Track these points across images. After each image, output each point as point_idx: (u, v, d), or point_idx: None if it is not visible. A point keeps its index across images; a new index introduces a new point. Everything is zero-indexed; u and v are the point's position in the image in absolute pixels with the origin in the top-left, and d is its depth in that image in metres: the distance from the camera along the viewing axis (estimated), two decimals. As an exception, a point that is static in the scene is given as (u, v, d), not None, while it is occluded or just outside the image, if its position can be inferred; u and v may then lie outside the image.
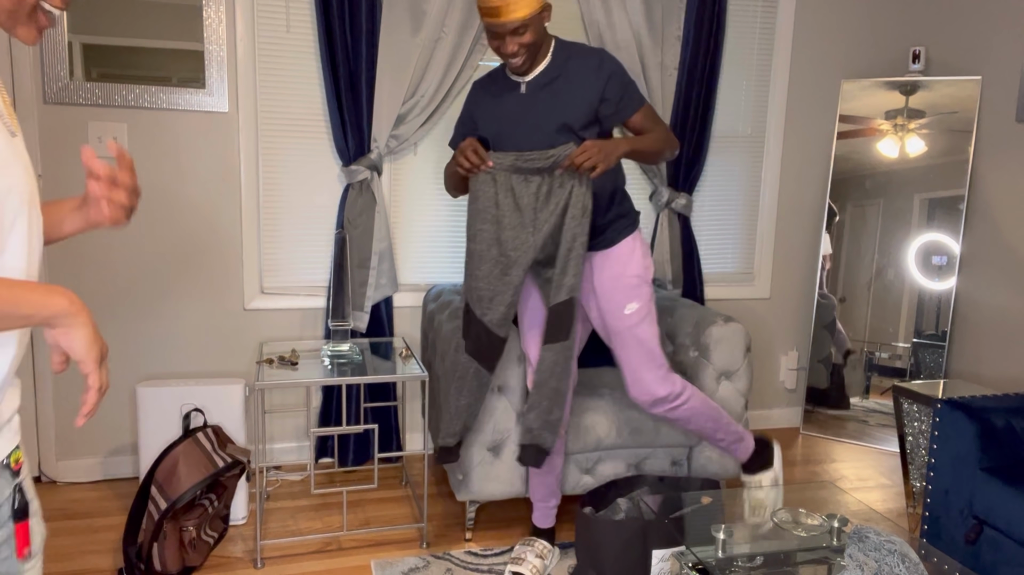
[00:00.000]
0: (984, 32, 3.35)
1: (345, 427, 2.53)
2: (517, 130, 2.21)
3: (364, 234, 3.06)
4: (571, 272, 2.17)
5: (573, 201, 2.16)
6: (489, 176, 2.18)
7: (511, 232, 2.18)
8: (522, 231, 2.17)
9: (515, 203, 2.18)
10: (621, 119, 2.27)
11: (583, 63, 2.19)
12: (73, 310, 1.02)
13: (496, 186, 2.18)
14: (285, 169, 3.10)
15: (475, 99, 2.32)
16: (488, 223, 2.18)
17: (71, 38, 2.78)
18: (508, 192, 2.18)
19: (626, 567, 2.18)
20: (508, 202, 2.18)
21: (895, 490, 3.18)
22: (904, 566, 1.70)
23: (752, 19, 3.54)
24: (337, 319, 2.71)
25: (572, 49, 2.22)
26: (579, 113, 2.18)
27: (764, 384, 3.84)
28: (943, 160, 3.45)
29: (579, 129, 2.18)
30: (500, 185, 2.17)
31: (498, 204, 2.18)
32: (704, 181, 3.59)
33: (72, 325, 1.03)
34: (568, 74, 2.19)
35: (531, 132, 2.19)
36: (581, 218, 2.16)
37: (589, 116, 2.19)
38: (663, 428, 2.62)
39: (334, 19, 2.91)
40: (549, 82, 2.19)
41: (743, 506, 2.21)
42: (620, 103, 2.21)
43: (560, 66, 2.19)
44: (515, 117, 2.21)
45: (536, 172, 2.16)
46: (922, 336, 3.53)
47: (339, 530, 2.70)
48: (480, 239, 2.19)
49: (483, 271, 2.19)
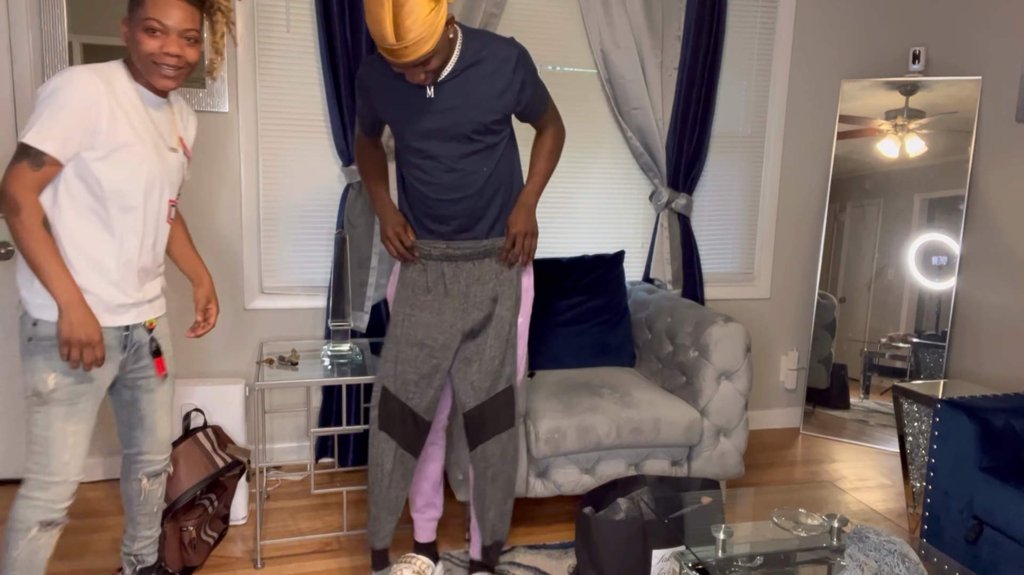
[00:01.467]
0: (984, 32, 3.35)
1: (345, 427, 2.53)
2: (431, 138, 2.03)
3: (364, 234, 3.06)
4: (508, 362, 2.16)
5: (504, 289, 2.15)
6: (421, 264, 2.14)
7: (439, 317, 2.12)
8: (451, 315, 2.12)
9: (445, 288, 2.13)
10: (529, 120, 2.20)
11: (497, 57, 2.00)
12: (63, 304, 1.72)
13: (426, 274, 2.14)
14: (285, 169, 3.09)
15: (372, 88, 2.07)
16: (416, 309, 2.13)
17: (71, 38, 2.78)
18: (439, 278, 2.13)
19: (626, 567, 2.18)
20: (439, 288, 2.13)
21: (895, 490, 3.18)
22: (904, 566, 1.70)
23: (752, 19, 3.54)
24: (337, 319, 2.71)
25: (482, 39, 2.01)
26: (494, 110, 2.02)
27: (764, 384, 3.84)
28: (943, 160, 3.45)
29: (492, 124, 2.03)
30: (430, 272, 2.13)
31: (428, 290, 2.13)
32: (704, 181, 3.59)
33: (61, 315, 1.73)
34: (481, 66, 2.00)
35: (442, 138, 2.03)
36: (514, 307, 2.16)
37: (504, 113, 2.04)
38: (663, 428, 2.62)
39: (334, 19, 2.91)
40: (457, 75, 1.98)
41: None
42: (529, 106, 2.11)
43: (472, 56, 1.99)
44: (427, 123, 2.01)
45: (466, 259, 2.13)
46: (922, 336, 3.53)
47: (339, 530, 2.70)
48: (407, 324, 2.13)
49: (409, 355, 2.12)
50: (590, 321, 3.09)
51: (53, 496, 1.81)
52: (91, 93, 1.72)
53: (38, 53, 2.76)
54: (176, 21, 1.76)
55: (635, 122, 3.32)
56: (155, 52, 1.76)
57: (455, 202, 2.07)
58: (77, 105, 1.70)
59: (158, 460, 2.10)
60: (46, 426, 1.78)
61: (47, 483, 1.80)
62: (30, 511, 1.80)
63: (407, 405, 2.14)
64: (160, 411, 2.04)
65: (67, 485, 1.83)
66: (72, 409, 1.79)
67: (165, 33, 1.76)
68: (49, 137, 1.69)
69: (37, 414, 1.78)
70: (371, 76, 2.07)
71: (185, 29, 1.78)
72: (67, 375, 1.77)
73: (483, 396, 2.15)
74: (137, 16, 1.76)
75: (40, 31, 2.74)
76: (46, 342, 1.76)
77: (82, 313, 1.74)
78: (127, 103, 1.80)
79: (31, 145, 1.69)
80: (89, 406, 1.83)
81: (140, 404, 2.00)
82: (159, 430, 2.06)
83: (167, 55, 1.77)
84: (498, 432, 2.18)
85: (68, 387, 1.78)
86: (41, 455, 1.79)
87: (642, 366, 3.09)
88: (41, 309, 1.77)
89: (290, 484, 3.06)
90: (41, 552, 1.83)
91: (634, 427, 2.59)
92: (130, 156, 1.79)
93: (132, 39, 1.77)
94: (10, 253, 2.80)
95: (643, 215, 3.54)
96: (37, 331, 1.76)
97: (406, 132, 2.04)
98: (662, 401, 2.69)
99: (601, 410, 2.60)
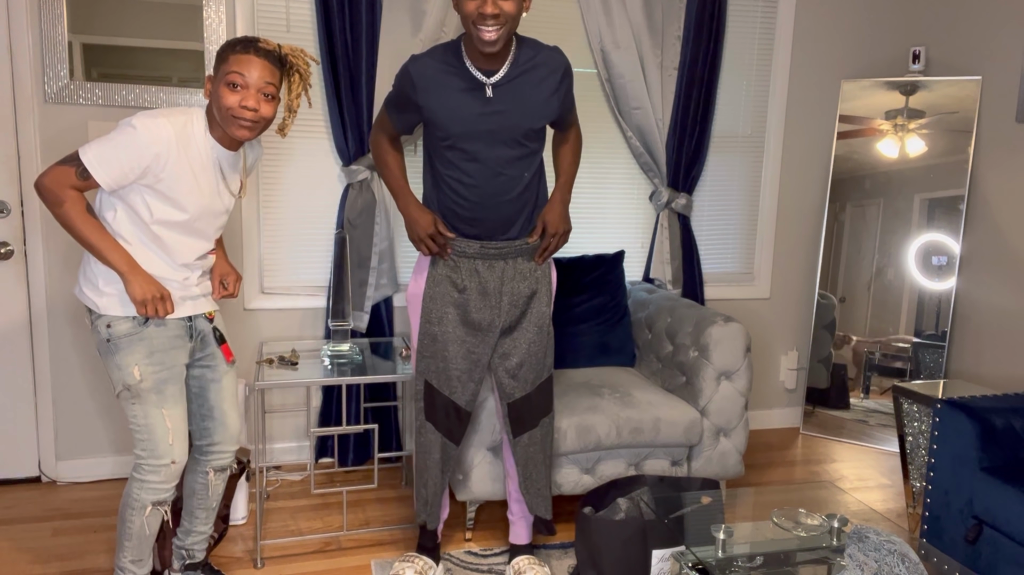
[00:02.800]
0: (984, 32, 3.35)
1: (345, 427, 2.53)
2: (481, 141, 2.06)
3: (364, 234, 3.06)
4: (549, 352, 2.26)
5: (541, 286, 2.21)
6: (452, 261, 2.17)
7: (477, 315, 2.17)
8: (489, 312, 2.18)
9: (480, 286, 2.17)
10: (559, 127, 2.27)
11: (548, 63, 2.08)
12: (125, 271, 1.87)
13: (460, 272, 2.16)
14: (285, 169, 3.10)
15: (422, 85, 2.05)
16: (451, 307, 2.17)
17: (71, 38, 2.78)
18: (472, 274, 2.17)
19: (626, 567, 2.18)
20: (473, 284, 2.17)
21: (895, 490, 3.18)
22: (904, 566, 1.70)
23: (752, 19, 3.54)
24: (337, 319, 2.71)
25: (534, 46, 2.09)
26: (543, 115, 2.10)
27: (764, 384, 3.84)
28: (943, 160, 3.45)
29: (539, 129, 2.12)
30: (464, 270, 2.16)
31: (463, 288, 2.17)
32: (704, 181, 3.59)
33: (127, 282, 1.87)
34: (534, 72, 2.06)
35: (494, 142, 2.06)
36: (550, 301, 2.23)
37: (550, 119, 2.13)
38: (663, 428, 2.62)
39: (334, 19, 2.91)
40: (513, 79, 2.05)
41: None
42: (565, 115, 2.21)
43: (525, 62, 2.06)
44: (480, 125, 2.04)
45: (501, 258, 2.16)
46: (922, 336, 3.53)
47: (339, 530, 2.70)
48: (445, 322, 2.17)
49: (451, 352, 2.18)
50: (590, 321, 3.09)
51: (163, 478, 1.98)
52: (163, 148, 1.84)
53: (38, 53, 2.76)
54: (256, 77, 1.88)
55: (635, 122, 3.32)
56: (234, 106, 1.88)
57: (495, 206, 2.11)
58: (144, 152, 1.83)
59: (227, 452, 2.19)
60: (144, 415, 1.94)
61: (157, 467, 1.97)
62: (144, 492, 1.98)
63: (450, 399, 2.22)
64: (228, 402, 2.15)
65: (175, 466, 1.99)
66: (162, 396, 1.95)
67: (245, 88, 1.88)
68: (105, 167, 1.83)
69: (133, 406, 1.94)
70: (422, 73, 2.04)
71: (264, 85, 1.89)
72: (149, 364, 1.93)
73: (529, 387, 2.25)
74: (221, 71, 1.89)
75: (40, 31, 2.74)
76: (123, 338, 1.91)
77: (143, 275, 1.89)
78: (196, 160, 1.92)
79: (85, 165, 1.83)
80: (175, 390, 1.98)
81: (208, 394, 2.12)
82: (229, 421, 2.16)
83: (245, 108, 1.88)
84: (542, 417, 2.29)
85: (153, 375, 1.93)
86: (147, 442, 1.95)
87: (642, 366, 3.09)
88: (109, 306, 1.90)
89: (290, 484, 3.06)
90: (152, 527, 2.02)
91: (634, 427, 2.59)
92: (186, 203, 1.92)
93: (214, 93, 1.91)
94: (10, 253, 2.81)
95: (643, 215, 3.54)
96: (113, 331, 1.91)
97: (455, 132, 2.05)
98: (662, 401, 2.69)
99: (601, 410, 2.60)
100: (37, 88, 2.78)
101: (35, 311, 2.88)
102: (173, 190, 1.89)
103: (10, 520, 2.70)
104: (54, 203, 1.84)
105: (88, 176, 1.83)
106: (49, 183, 1.83)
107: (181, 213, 1.92)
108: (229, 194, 2.04)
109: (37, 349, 2.90)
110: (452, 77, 2.03)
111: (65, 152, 2.83)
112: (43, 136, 2.81)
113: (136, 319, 1.92)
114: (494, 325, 2.18)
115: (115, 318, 1.91)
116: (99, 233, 1.86)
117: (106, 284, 1.92)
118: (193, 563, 2.26)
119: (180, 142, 1.87)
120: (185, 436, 2.01)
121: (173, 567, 2.27)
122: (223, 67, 1.89)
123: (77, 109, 2.82)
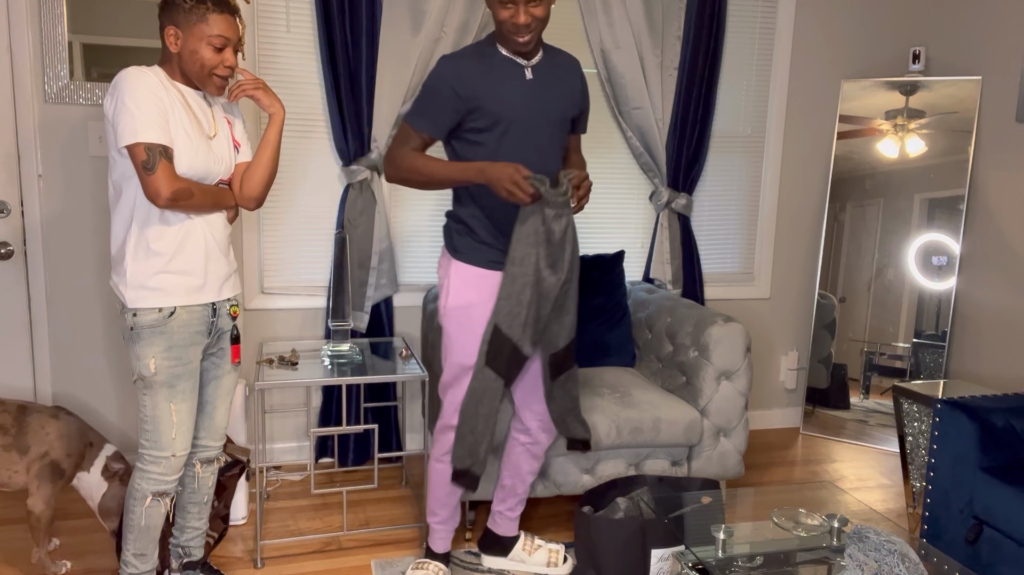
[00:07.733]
0: (984, 32, 3.35)
1: (345, 427, 2.53)
2: (526, 121, 2.10)
3: (364, 234, 3.06)
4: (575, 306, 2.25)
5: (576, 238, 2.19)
6: (538, 205, 2.08)
7: (547, 269, 2.12)
8: (552, 268, 2.12)
9: (548, 238, 2.10)
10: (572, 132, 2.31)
11: (569, 64, 2.21)
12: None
13: (543, 216, 2.09)
14: (285, 169, 3.10)
15: (465, 75, 2.06)
16: (532, 247, 2.09)
17: (71, 38, 2.78)
18: (549, 223, 2.09)
19: (626, 567, 2.18)
20: (545, 233, 2.10)
21: (895, 490, 3.18)
22: (904, 566, 1.70)
23: (752, 19, 3.54)
24: (337, 319, 2.71)
25: (554, 49, 2.21)
26: (574, 104, 2.19)
27: (764, 384, 3.84)
28: (943, 160, 3.45)
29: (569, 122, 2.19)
30: (545, 216, 2.09)
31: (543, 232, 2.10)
32: (704, 181, 3.59)
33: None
34: (559, 68, 2.17)
35: (540, 123, 2.11)
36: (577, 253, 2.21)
37: (574, 112, 2.21)
38: (663, 428, 2.62)
39: (334, 19, 2.91)
40: (547, 65, 2.15)
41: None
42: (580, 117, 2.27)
43: (551, 59, 2.17)
44: (525, 105, 2.09)
45: (561, 206, 2.09)
46: (922, 336, 3.53)
47: (339, 530, 2.70)
48: (526, 263, 2.09)
49: (527, 297, 2.11)
50: (590, 321, 3.09)
51: (164, 469, 2.01)
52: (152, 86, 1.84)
53: (38, 53, 2.76)
54: (234, 36, 1.92)
55: (635, 122, 3.32)
56: (217, 65, 1.90)
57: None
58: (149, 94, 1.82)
59: (213, 446, 2.20)
60: (153, 406, 1.97)
61: (158, 458, 2.00)
62: (145, 482, 2.01)
63: (517, 345, 2.15)
64: (222, 399, 2.17)
65: (175, 459, 2.01)
66: (173, 391, 1.97)
67: (227, 47, 1.91)
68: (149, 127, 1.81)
69: (144, 396, 1.97)
70: (461, 66, 2.06)
71: (238, 41, 1.94)
72: (166, 359, 1.95)
73: (571, 336, 2.24)
74: (199, 31, 1.87)
75: (40, 31, 2.74)
76: (145, 330, 1.93)
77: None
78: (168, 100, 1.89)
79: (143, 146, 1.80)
80: (188, 387, 2.00)
81: (207, 390, 2.14)
82: (217, 416, 2.18)
83: (226, 67, 1.92)
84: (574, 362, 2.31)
85: (167, 369, 1.95)
86: (151, 433, 1.98)
87: (642, 366, 3.09)
88: (136, 299, 1.92)
89: (290, 484, 3.06)
90: (156, 518, 2.04)
91: (634, 427, 2.59)
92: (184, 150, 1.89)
93: (189, 49, 1.88)
94: (10, 253, 2.81)
95: (643, 215, 3.55)
96: (137, 321, 1.93)
97: (505, 116, 2.08)
98: (662, 401, 2.69)
99: (601, 410, 2.60)
100: (37, 88, 2.78)
101: (35, 311, 2.88)
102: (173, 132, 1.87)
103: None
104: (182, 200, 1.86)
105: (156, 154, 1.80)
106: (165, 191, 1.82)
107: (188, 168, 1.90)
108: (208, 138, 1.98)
109: (37, 349, 2.90)
110: (491, 65, 2.09)
111: (65, 151, 2.83)
112: (43, 136, 2.81)
113: (162, 312, 1.93)
114: (560, 277, 2.12)
115: (140, 309, 1.93)
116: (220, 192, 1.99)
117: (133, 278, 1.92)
118: (191, 562, 2.26)
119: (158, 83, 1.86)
120: (190, 431, 2.03)
121: (172, 566, 2.27)
122: (202, 27, 1.86)
123: (77, 109, 2.82)
